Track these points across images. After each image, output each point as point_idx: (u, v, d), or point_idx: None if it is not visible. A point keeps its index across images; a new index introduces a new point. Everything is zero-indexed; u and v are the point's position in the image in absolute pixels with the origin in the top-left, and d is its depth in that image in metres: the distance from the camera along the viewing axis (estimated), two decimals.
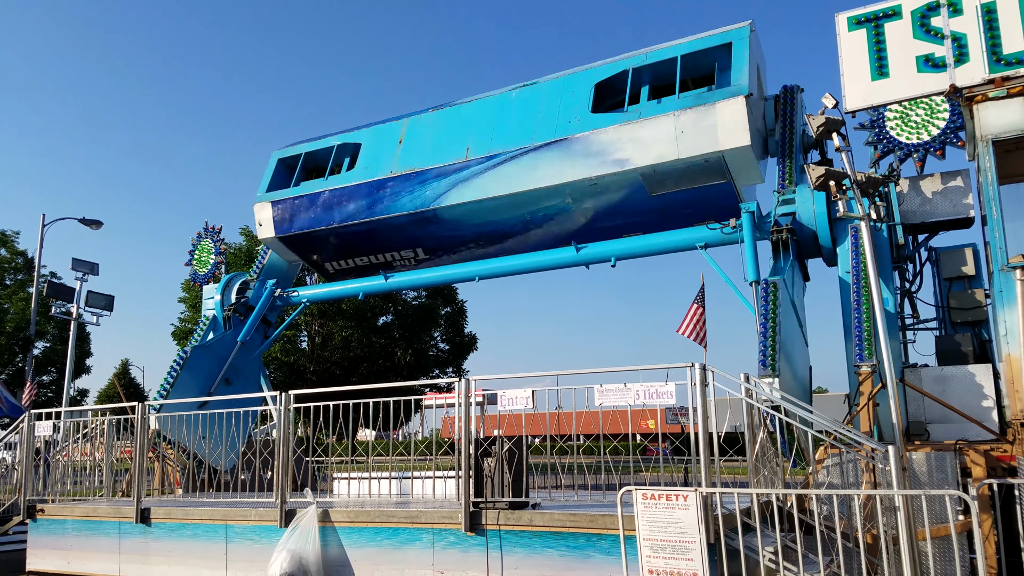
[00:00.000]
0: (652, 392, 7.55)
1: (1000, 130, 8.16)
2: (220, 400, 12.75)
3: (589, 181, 11.87)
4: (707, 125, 10.78)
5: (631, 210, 12.25)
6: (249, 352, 15.31)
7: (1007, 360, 8.10)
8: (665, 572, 6.58)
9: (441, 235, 13.97)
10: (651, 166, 11.28)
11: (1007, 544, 7.63)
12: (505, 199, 12.72)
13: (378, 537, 8.47)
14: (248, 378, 15.19)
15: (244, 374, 15.06)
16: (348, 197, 14.14)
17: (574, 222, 12.80)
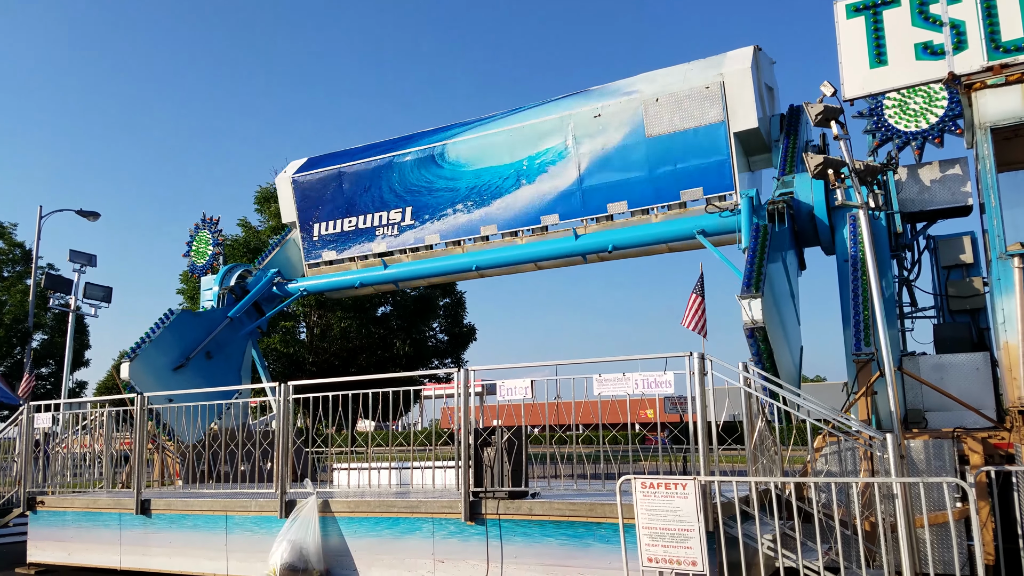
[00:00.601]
0: (651, 381, 7.56)
1: (998, 117, 8.14)
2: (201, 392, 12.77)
3: (594, 112, 12.45)
4: (714, 63, 11.79)
5: (625, 162, 12.34)
6: (235, 331, 15.22)
7: (1005, 348, 8.11)
8: (664, 560, 6.60)
9: (435, 188, 14.12)
10: (654, 95, 11.96)
11: (1004, 531, 7.66)
12: (510, 134, 13.23)
13: (378, 527, 8.49)
14: (230, 358, 15.02)
15: (226, 352, 14.92)
16: (368, 149, 14.99)
17: (566, 177, 12.85)
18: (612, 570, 7.14)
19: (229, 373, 14.77)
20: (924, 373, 9.27)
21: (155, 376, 13.20)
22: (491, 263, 13.92)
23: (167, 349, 13.92)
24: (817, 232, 10.75)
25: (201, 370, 14.20)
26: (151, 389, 12.76)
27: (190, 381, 13.58)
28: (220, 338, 14.89)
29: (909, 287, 10.94)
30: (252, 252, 28.76)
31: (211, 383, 13.71)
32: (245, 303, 15.36)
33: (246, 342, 15.61)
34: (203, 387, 13.05)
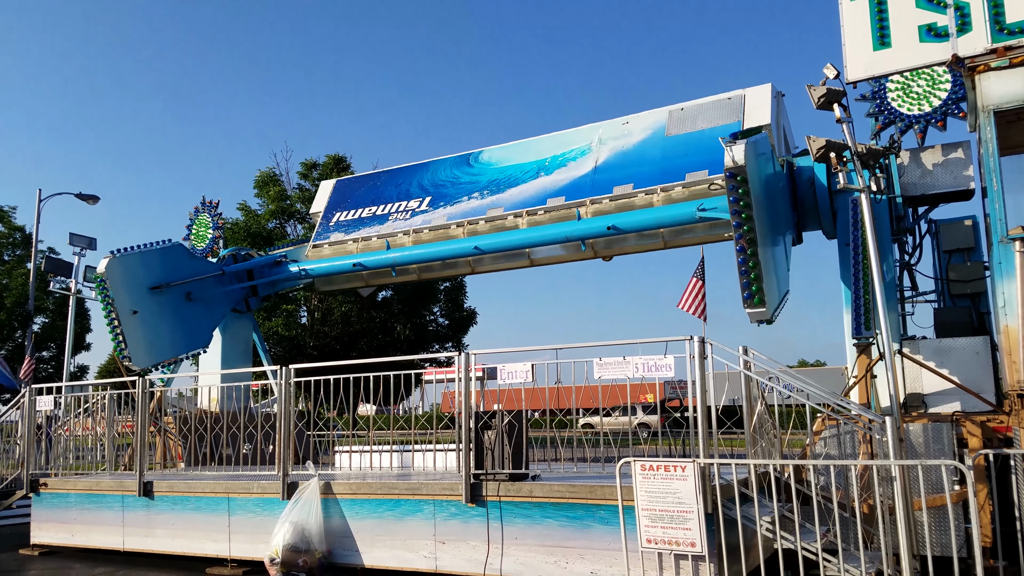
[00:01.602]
0: (651, 365, 7.58)
1: (1002, 100, 8.10)
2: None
3: (623, 121, 12.98)
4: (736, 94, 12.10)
5: (640, 156, 12.59)
6: (223, 286, 14.96)
7: (1005, 332, 8.11)
8: (663, 541, 6.65)
9: (460, 182, 14.34)
10: (680, 104, 12.44)
11: (1002, 514, 7.70)
12: (541, 141, 13.67)
13: (380, 508, 8.54)
14: (208, 310, 14.57)
15: (207, 303, 14.52)
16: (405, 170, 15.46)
17: (582, 169, 13.12)
18: (611, 551, 7.20)
19: (202, 324, 14.29)
20: (924, 357, 9.28)
21: (129, 285, 12.97)
22: (493, 248, 13.90)
23: (151, 267, 13.63)
24: (817, 202, 10.73)
25: (176, 308, 13.78)
26: (122, 295, 12.67)
27: (160, 311, 13.33)
28: (206, 286, 14.56)
29: (910, 271, 10.93)
30: (252, 236, 28.73)
31: (181, 326, 13.54)
32: (243, 265, 15.42)
33: (229, 303, 15.18)
34: (172, 325, 13.17)
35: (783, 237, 10.94)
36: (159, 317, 13.18)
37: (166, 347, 13.13)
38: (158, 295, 13.36)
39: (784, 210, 10.94)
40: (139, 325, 12.77)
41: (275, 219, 30.24)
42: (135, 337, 12.56)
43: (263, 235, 28.72)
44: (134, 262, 13.31)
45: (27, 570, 9.82)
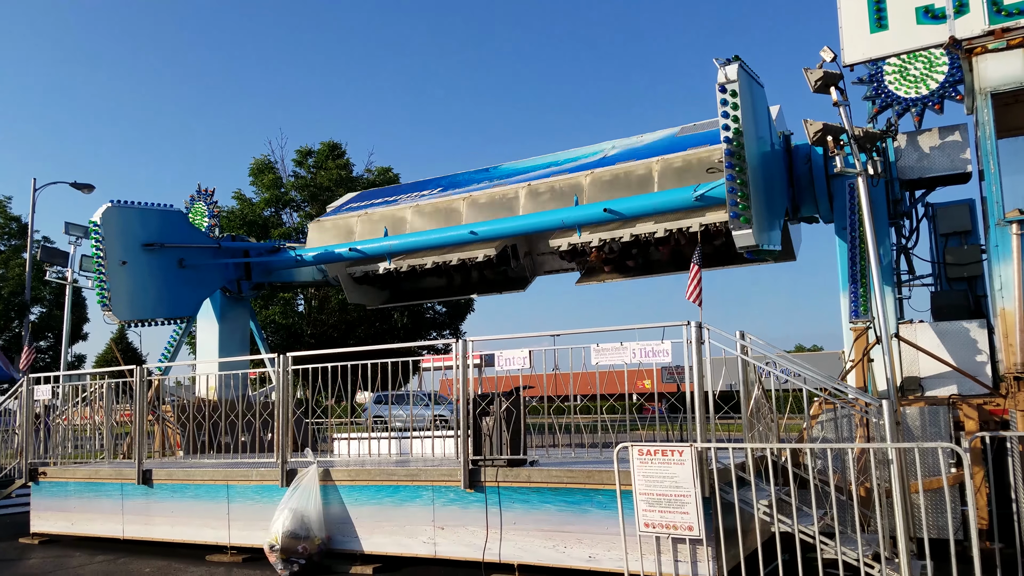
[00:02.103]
0: (648, 351, 7.58)
1: (999, 82, 8.07)
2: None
3: (638, 136, 13.15)
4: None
5: (648, 150, 12.61)
6: (214, 260, 14.86)
7: (1001, 315, 8.13)
8: (661, 525, 6.67)
9: (473, 179, 14.49)
10: (694, 123, 12.52)
11: (998, 496, 7.73)
12: (557, 154, 13.81)
13: (379, 495, 8.57)
14: (200, 281, 14.45)
15: (197, 273, 14.38)
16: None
17: (590, 160, 13.23)
18: (609, 535, 7.23)
19: (190, 293, 14.16)
20: (921, 340, 9.30)
21: (123, 236, 12.98)
22: (491, 235, 13.88)
23: (148, 225, 13.58)
24: (813, 181, 10.69)
25: (167, 270, 13.69)
26: (114, 244, 12.71)
27: (149, 269, 13.30)
28: (200, 256, 14.45)
29: (907, 255, 10.93)
30: (248, 224, 28.69)
31: (168, 289, 13.49)
32: (240, 243, 15.48)
33: (220, 279, 15.04)
34: (159, 286, 13.22)
35: (777, 195, 10.73)
36: (147, 275, 13.13)
37: (149, 306, 13.03)
38: (150, 253, 13.31)
39: (779, 171, 10.71)
40: (126, 278, 12.72)
41: (271, 207, 30.19)
42: (120, 289, 12.51)
43: (259, 223, 28.69)
44: (132, 216, 13.27)
45: (28, 558, 9.85)
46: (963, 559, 6.05)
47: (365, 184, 30.23)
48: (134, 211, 13.35)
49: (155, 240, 13.48)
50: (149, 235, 13.50)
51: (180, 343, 15.01)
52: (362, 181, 30.62)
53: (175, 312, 13.44)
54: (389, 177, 31.19)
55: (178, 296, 13.68)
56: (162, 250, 13.61)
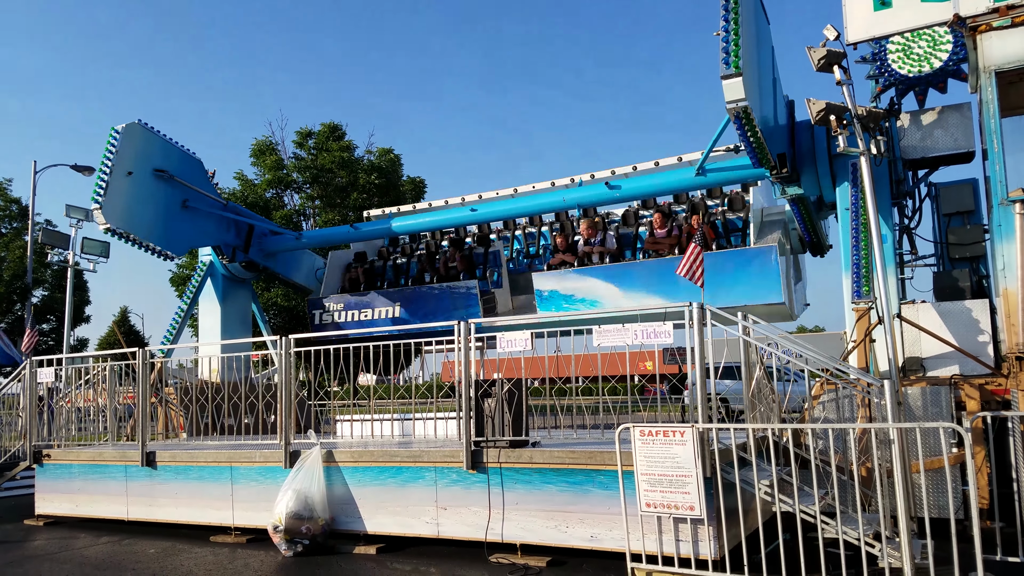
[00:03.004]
0: (650, 332, 7.58)
1: (1003, 61, 8.01)
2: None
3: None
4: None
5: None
6: (216, 213, 14.93)
7: (1004, 294, 8.11)
8: (662, 505, 6.70)
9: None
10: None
11: (999, 476, 7.76)
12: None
13: (382, 476, 8.60)
14: (195, 227, 14.43)
15: (195, 219, 14.37)
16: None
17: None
18: (611, 515, 7.26)
19: (182, 233, 14.09)
20: (923, 321, 9.29)
21: (138, 152, 13.09)
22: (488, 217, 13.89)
23: (167, 155, 13.73)
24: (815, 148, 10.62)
25: (168, 202, 13.69)
26: (126, 158, 12.79)
27: (151, 193, 13.35)
28: (204, 205, 14.52)
29: (909, 235, 10.91)
30: (249, 205, 28.60)
31: (163, 219, 13.46)
32: (248, 217, 15.56)
33: (216, 236, 15.02)
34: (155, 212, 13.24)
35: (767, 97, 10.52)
36: (148, 196, 13.16)
37: (140, 225, 12.92)
38: (158, 180, 13.38)
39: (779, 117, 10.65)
40: (127, 189, 12.70)
41: (272, 189, 30.10)
42: (117, 196, 12.44)
43: (260, 204, 28.59)
44: (153, 140, 13.45)
45: (33, 540, 9.92)
46: (964, 538, 6.08)
47: (366, 167, 30.11)
48: (157, 137, 13.55)
49: (168, 170, 13.58)
50: (164, 164, 13.59)
51: (182, 325, 15.04)
52: (363, 163, 30.51)
53: (162, 242, 13.26)
54: (391, 158, 31.07)
55: (171, 230, 13.63)
56: (170, 182, 13.71)
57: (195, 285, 15.51)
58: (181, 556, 8.58)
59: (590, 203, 12.87)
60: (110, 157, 12.53)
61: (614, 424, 7.42)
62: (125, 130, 12.81)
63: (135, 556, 8.67)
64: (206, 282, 15.64)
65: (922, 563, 6.08)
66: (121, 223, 12.45)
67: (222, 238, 15.03)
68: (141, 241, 12.90)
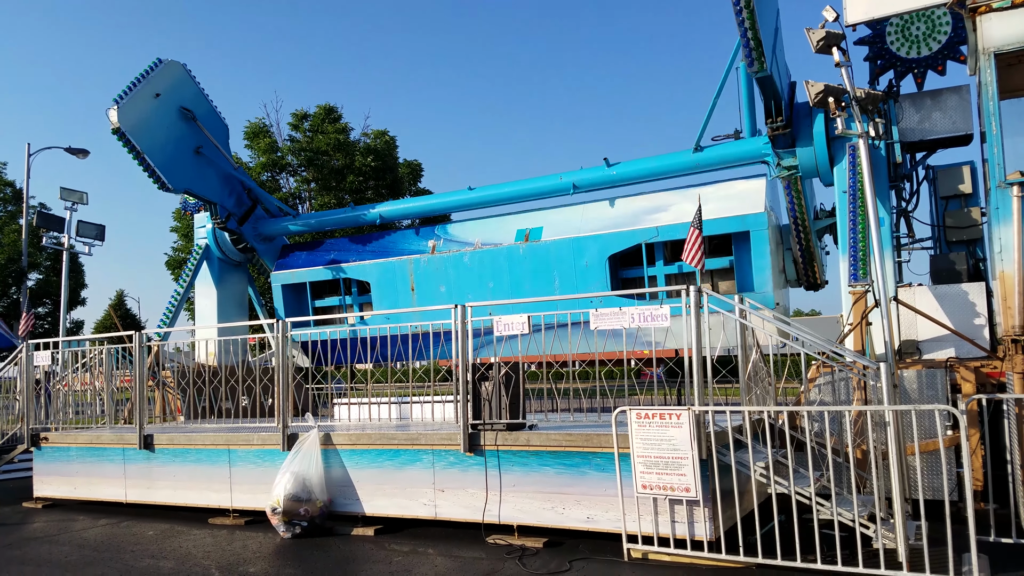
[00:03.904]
0: (647, 315, 7.58)
1: (1003, 42, 7.97)
2: None
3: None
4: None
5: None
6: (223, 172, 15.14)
7: (1001, 277, 8.12)
8: (658, 487, 6.74)
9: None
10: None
11: (993, 458, 7.81)
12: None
13: (380, 459, 8.63)
14: (198, 173, 14.61)
15: (201, 167, 14.60)
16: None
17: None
18: (608, 497, 7.30)
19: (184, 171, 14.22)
20: (920, 304, 9.31)
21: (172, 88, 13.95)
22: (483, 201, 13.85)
23: (196, 102, 14.44)
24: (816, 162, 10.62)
25: (181, 140, 14.10)
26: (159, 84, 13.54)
27: (170, 124, 13.87)
28: (215, 160, 14.79)
29: (907, 218, 10.90)
30: None
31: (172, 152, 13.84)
32: (254, 188, 15.75)
33: (216, 190, 15.09)
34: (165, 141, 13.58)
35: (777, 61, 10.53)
36: (165, 123, 13.67)
37: (147, 141, 13.23)
38: (181, 118, 14.05)
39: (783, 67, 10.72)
40: (148, 106, 13.28)
41: (267, 171, 29.96)
42: (136, 106, 13.01)
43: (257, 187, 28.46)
44: (190, 84, 14.33)
45: (32, 522, 9.96)
46: (958, 519, 6.12)
47: (362, 149, 29.97)
48: (193, 83, 14.39)
49: (189, 113, 14.18)
50: (192, 106, 14.26)
51: (179, 308, 15.01)
52: (359, 145, 30.38)
53: (163, 168, 13.42)
54: (386, 141, 30.93)
55: (176, 163, 13.90)
56: (191, 125, 14.24)
57: (191, 268, 15.47)
58: (180, 538, 8.61)
59: (589, 185, 12.82)
60: (144, 76, 13.25)
61: (611, 407, 7.45)
62: (167, 63, 13.67)
63: (134, 538, 8.71)
64: (202, 265, 15.60)
65: (916, 544, 6.12)
66: (131, 130, 12.81)
67: (222, 199, 15.18)
68: (143, 156, 13.09)
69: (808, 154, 10.68)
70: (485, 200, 13.84)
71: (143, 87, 13.20)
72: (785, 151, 10.75)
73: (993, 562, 6.32)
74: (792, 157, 10.73)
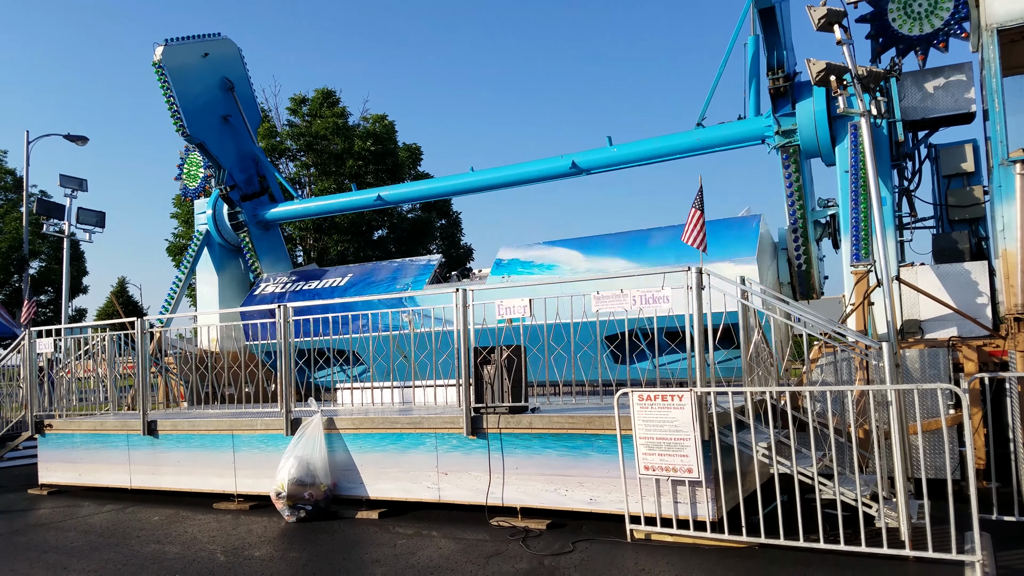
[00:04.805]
0: (649, 297, 7.56)
1: (1006, 18, 7.90)
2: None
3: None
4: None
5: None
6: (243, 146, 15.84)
7: (1003, 255, 8.10)
8: (661, 468, 6.75)
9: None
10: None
11: (996, 437, 7.81)
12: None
13: (383, 443, 8.66)
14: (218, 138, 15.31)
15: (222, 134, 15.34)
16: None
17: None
18: (610, 478, 7.32)
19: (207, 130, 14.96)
20: (922, 283, 9.29)
21: (219, 60, 15.17)
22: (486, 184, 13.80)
23: (239, 79, 15.60)
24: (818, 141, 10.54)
25: (214, 105, 15.03)
26: (211, 51, 14.84)
27: (207, 89, 14.91)
28: (237, 132, 15.60)
29: (909, 197, 10.85)
30: None
31: (201, 110, 14.65)
32: (269, 168, 16.30)
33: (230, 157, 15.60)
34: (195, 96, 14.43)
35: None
36: (203, 82, 14.73)
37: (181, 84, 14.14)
38: (221, 85, 15.19)
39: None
40: (193, 60, 14.47)
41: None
42: (182, 54, 14.21)
43: None
44: (239, 64, 15.71)
45: (38, 508, 10.01)
46: (960, 498, 6.13)
47: (361, 133, 29.85)
48: (242, 67, 15.75)
49: (229, 84, 15.33)
50: (230, 77, 15.38)
51: (180, 295, 15.03)
52: (358, 130, 30.26)
53: (187, 113, 14.21)
54: (386, 125, 30.80)
55: (201, 117, 14.64)
56: (228, 96, 15.28)
57: (192, 254, 15.47)
58: (185, 523, 8.66)
59: (592, 165, 12.77)
60: (199, 36, 14.58)
61: (613, 389, 7.45)
62: (225, 38, 15.20)
63: (139, 524, 8.75)
64: (203, 251, 15.60)
65: (919, 523, 6.14)
66: (170, 70, 13.79)
67: (233, 170, 15.61)
68: (172, 93, 13.91)
69: (808, 117, 10.55)
70: (488, 182, 13.78)
71: (195, 43, 14.45)
72: (785, 117, 10.70)
73: (996, 540, 6.34)
74: (791, 122, 10.65)
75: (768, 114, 11.06)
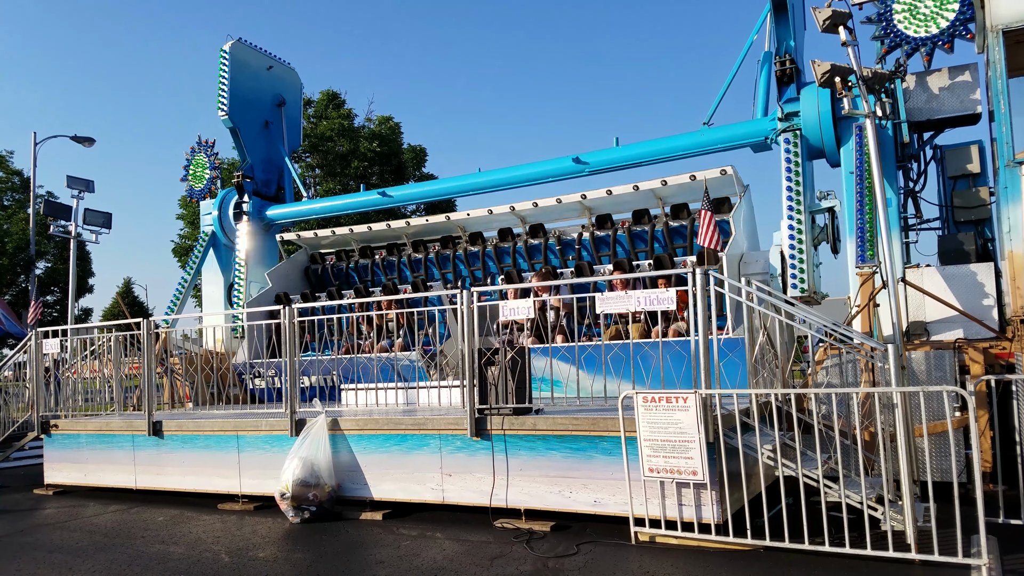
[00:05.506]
0: (653, 298, 7.56)
1: (1011, 19, 7.88)
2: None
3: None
4: None
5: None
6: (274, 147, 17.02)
7: (1009, 257, 8.07)
8: (665, 470, 6.74)
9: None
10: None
11: (1002, 439, 7.78)
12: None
13: (387, 444, 8.66)
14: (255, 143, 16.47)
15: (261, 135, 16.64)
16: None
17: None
18: (614, 480, 7.31)
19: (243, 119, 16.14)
20: (927, 285, 9.26)
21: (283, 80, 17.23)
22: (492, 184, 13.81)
23: (292, 98, 17.47)
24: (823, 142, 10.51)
25: (259, 109, 16.58)
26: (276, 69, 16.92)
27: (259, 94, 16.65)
28: (272, 135, 16.93)
29: (914, 198, 10.82)
30: None
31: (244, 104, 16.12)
32: (291, 175, 16.95)
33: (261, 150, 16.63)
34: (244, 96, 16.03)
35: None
36: (257, 87, 16.49)
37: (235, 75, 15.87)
38: (271, 100, 16.94)
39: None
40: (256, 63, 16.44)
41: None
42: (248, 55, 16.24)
43: None
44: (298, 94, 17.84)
45: (43, 508, 10.04)
46: (966, 501, 6.11)
47: (367, 135, 29.89)
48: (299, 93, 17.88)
49: (282, 100, 17.14)
50: (285, 97, 17.20)
51: (186, 296, 15.07)
52: (364, 131, 30.30)
53: (232, 97, 15.72)
54: (391, 126, 30.85)
55: (243, 108, 16.06)
56: (275, 110, 16.98)
57: (198, 255, 15.51)
58: (190, 524, 8.67)
59: (598, 164, 12.76)
60: (270, 53, 16.74)
61: (617, 391, 7.44)
62: (291, 67, 17.40)
63: (144, 524, 8.77)
64: (208, 252, 15.64)
65: (924, 526, 6.11)
66: (233, 58, 15.65)
67: (258, 167, 16.36)
68: (227, 77, 15.60)
69: (811, 102, 10.51)
70: (494, 183, 13.79)
71: (264, 55, 16.53)
72: (789, 103, 10.69)
73: (1002, 543, 6.31)
74: (796, 103, 10.63)
75: (774, 115, 11.04)
